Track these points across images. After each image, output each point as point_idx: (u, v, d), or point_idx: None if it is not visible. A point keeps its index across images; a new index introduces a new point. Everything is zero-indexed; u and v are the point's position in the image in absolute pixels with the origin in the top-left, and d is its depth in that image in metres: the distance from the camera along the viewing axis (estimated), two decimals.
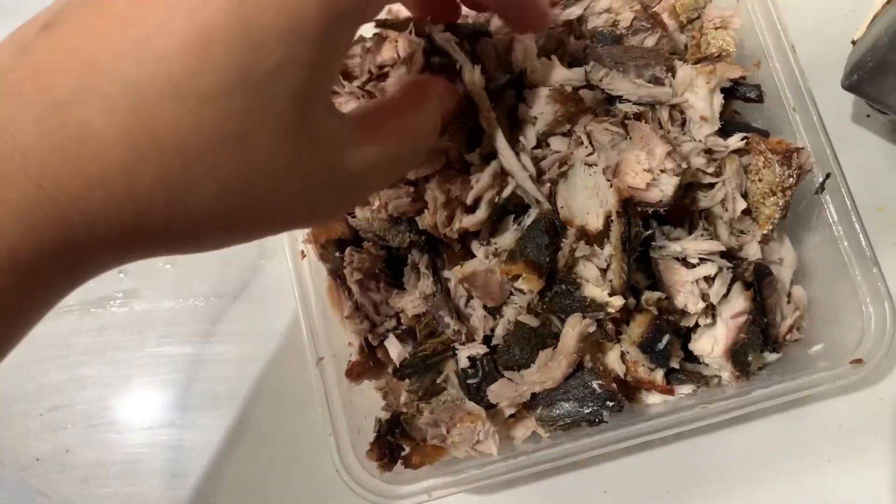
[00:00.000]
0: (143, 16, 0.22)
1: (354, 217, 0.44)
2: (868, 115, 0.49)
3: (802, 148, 0.41)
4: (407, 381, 0.42)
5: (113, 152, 0.21)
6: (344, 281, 0.43)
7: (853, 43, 0.45)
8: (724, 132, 0.42)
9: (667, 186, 0.39)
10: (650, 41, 0.45)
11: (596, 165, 0.40)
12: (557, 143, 0.42)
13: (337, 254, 0.44)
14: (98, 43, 0.22)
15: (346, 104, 0.44)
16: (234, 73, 0.22)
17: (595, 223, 0.39)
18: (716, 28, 0.45)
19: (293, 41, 0.23)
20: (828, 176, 0.42)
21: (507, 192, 0.41)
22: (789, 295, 0.44)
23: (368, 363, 0.43)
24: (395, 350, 0.41)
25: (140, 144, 0.21)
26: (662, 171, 0.39)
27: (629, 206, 0.39)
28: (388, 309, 0.42)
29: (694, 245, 0.40)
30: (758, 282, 0.42)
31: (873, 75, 0.42)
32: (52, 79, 0.21)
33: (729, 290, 0.41)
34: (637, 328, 0.41)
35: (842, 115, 0.48)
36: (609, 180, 0.39)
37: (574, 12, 0.45)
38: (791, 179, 0.41)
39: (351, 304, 0.43)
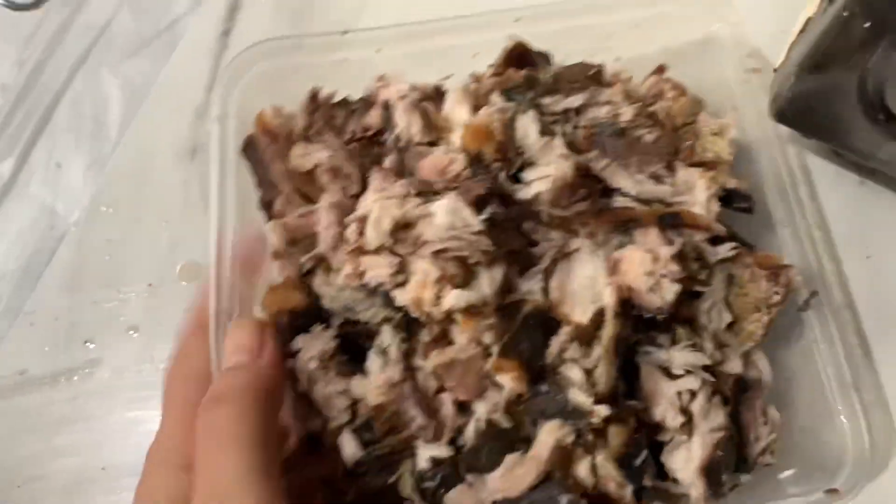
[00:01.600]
0: None
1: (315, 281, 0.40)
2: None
3: (790, 266, 0.40)
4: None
5: None
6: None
7: (775, 71, 0.45)
8: (713, 241, 0.41)
9: (668, 293, 0.37)
10: (650, 138, 0.43)
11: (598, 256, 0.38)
12: (554, 233, 0.39)
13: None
14: None
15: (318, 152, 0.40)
16: None
17: (581, 317, 0.36)
18: (712, 134, 0.45)
19: None
20: (813, 294, 0.41)
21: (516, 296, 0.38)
22: (765, 415, 0.42)
23: (310, 457, 0.37)
24: (350, 448, 0.36)
25: None
26: (664, 276, 0.37)
27: (627, 308, 0.37)
28: (341, 400, 0.37)
29: (681, 356, 0.38)
30: (737, 397, 0.40)
31: (791, 107, 0.41)
32: None
33: (710, 405, 0.39)
34: (616, 439, 0.38)
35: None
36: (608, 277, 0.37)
37: (574, 102, 0.43)
38: (777, 297, 0.40)
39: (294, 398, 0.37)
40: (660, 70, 0.47)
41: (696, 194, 0.40)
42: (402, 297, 0.37)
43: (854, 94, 0.38)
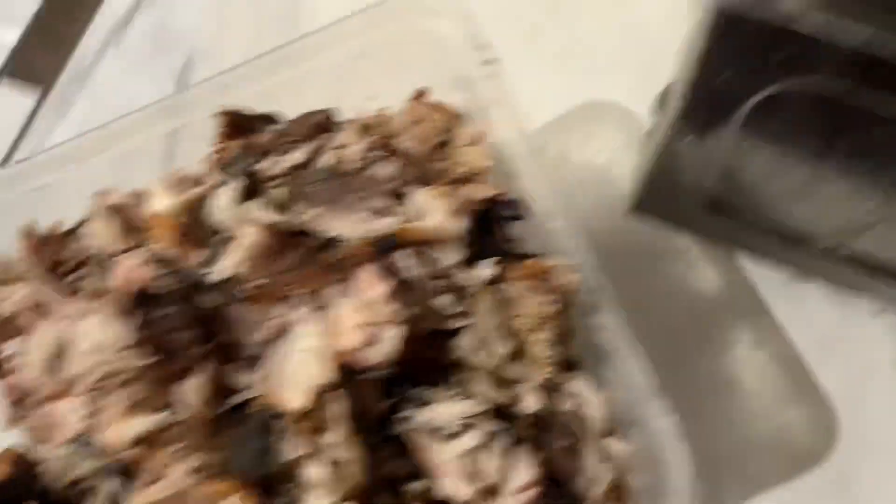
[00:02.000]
0: None
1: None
2: None
3: (555, 265, 0.33)
4: None
5: None
6: None
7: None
8: (470, 262, 0.34)
9: (387, 342, 0.30)
10: (387, 171, 0.38)
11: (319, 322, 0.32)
12: (278, 308, 0.34)
13: None
14: None
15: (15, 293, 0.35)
16: None
17: (295, 402, 0.29)
18: (467, 145, 0.39)
19: None
20: (597, 292, 0.34)
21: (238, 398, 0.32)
22: (603, 450, 0.34)
23: None
24: None
25: None
26: (381, 323, 0.30)
27: (351, 376, 0.30)
28: None
29: (445, 410, 0.31)
30: (540, 439, 0.32)
31: (643, 207, 0.45)
32: None
33: (510, 459, 0.32)
34: None
35: None
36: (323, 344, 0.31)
37: (293, 158, 0.37)
38: (554, 306, 0.33)
39: None
40: (417, 96, 0.42)
41: (434, 215, 0.34)
42: (102, 439, 0.31)
43: (693, 193, 0.42)
